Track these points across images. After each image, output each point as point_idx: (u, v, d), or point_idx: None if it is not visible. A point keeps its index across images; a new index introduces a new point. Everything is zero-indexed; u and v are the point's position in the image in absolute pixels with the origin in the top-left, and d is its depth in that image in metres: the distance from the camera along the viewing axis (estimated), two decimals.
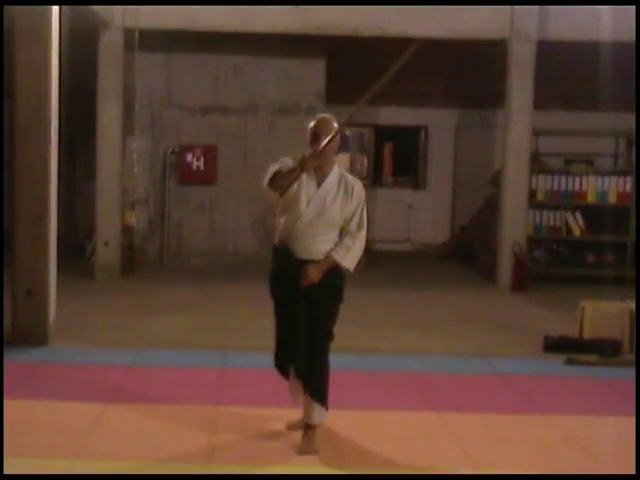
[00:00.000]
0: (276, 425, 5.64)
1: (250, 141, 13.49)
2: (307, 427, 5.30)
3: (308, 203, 5.19)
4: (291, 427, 5.55)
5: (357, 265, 5.32)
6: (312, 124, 5.24)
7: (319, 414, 5.27)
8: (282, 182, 5.09)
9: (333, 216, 5.21)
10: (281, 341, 5.38)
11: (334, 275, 5.24)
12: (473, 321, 9.50)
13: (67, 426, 5.57)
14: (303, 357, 5.22)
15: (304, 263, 5.17)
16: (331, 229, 5.24)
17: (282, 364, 5.43)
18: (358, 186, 5.29)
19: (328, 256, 5.20)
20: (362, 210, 5.28)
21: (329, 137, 5.07)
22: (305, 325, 5.19)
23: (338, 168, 5.31)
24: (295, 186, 5.16)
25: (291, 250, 5.23)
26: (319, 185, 5.21)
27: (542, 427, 5.91)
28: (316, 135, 5.17)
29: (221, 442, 5.36)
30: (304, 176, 5.18)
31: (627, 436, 5.62)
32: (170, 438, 5.41)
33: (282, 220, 5.28)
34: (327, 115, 5.34)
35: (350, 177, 5.33)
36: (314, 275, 5.15)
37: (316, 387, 5.24)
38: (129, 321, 8.94)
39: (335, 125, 5.20)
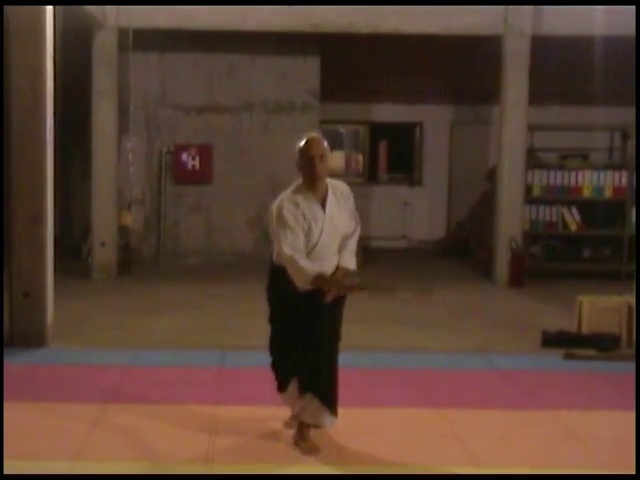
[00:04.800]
0: (276, 424, 5.63)
1: (245, 140, 13.48)
2: (301, 424, 5.27)
3: (321, 230, 5.15)
4: (288, 425, 5.53)
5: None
6: (303, 145, 5.10)
7: (330, 419, 5.23)
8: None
9: (343, 228, 5.26)
10: (287, 353, 5.27)
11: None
12: (471, 317, 9.50)
13: (66, 427, 5.56)
14: (324, 367, 5.14)
15: None
16: (340, 239, 5.27)
17: (287, 376, 5.31)
18: (345, 187, 5.33)
19: (341, 267, 5.19)
20: (354, 208, 5.35)
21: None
22: (317, 333, 5.13)
23: (327, 180, 5.27)
24: (304, 220, 5.08)
25: None
26: (323, 205, 5.17)
27: (542, 423, 5.91)
28: (311, 158, 5.05)
29: (221, 442, 5.35)
30: (306, 204, 5.10)
31: (627, 431, 5.62)
32: (170, 438, 5.40)
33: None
34: (315, 134, 5.26)
35: (335, 182, 5.32)
36: (341, 290, 5.06)
37: (328, 392, 5.18)
38: (127, 321, 8.93)
39: (326, 144, 5.16)
